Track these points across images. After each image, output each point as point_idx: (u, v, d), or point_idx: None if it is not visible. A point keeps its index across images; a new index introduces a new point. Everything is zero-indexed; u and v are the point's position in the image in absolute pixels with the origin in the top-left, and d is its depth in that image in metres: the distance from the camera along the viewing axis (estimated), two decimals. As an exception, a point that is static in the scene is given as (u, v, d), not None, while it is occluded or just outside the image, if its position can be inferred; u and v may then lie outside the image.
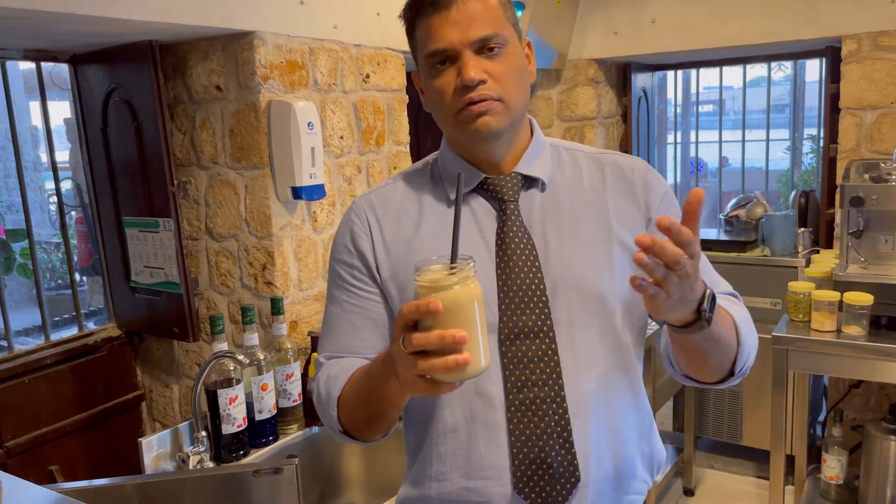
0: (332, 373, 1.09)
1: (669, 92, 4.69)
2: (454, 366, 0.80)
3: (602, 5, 3.18)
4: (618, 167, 1.14)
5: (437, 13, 1.01)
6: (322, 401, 1.09)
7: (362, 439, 1.09)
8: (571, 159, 1.15)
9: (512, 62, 1.04)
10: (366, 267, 1.11)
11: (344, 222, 1.16)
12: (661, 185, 1.15)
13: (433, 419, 1.08)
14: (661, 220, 0.81)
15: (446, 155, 1.14)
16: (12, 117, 2.09)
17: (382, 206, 1.13)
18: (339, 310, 1.13)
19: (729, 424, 3.21)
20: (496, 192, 1.09)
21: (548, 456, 1.02)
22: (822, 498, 2.74)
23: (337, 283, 1.14)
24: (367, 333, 1.11)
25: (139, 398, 2.33)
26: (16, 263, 4.10)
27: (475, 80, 1.00)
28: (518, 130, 1.10)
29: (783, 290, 2.66)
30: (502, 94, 1.02)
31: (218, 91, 2.00)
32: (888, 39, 2.68)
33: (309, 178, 1.97)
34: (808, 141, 5.43)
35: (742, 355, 1.03)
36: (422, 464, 1.10)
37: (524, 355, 1.03)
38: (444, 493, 1.07)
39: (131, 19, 1.63)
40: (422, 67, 1.07)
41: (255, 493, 1.54)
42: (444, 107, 1.05)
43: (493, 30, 1.01)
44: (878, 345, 2.31)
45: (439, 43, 1.01)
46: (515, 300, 1.04)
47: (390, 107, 2.38)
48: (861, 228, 2.50)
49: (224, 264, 2.10)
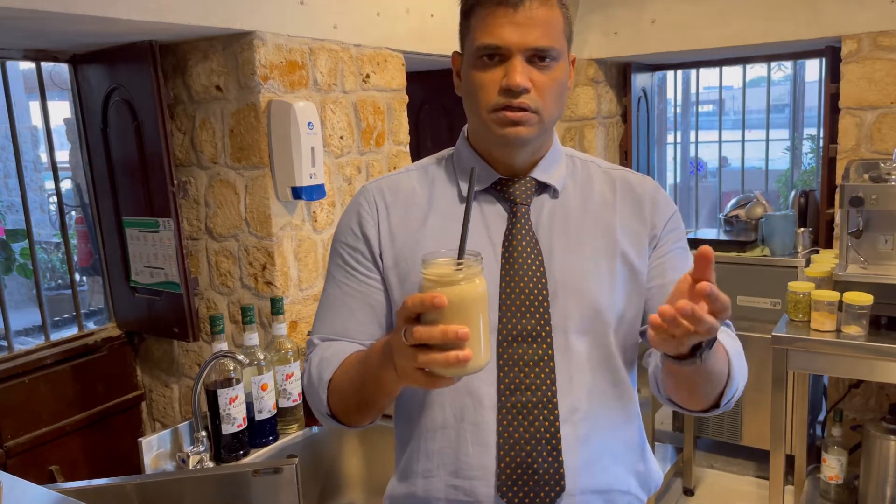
0: (326, 355, 1.09)
1: (669, 92, 4.69)
2: (455, 362, 0.80)
3: (602, 5, 3.18)
4: (628, 184, 1.15)
5: (502, 7, 1.00)
6: (312, 382, 1.09)
7: (349, 424, 1.08)
8: (585, 170, 1.16)
9: (558, 76, 1.04)
10: (369, 251, 1.11)
11: (352, 205, 1.15)
12: (670, 205, 1.16)
13: (423, 415, 1.08)
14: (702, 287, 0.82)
15: (463, 150, 1.14)
16: (12, 117, 2.09)
17: (392, 194, 1.13)
18: (338, 291, 1.13)
19: (729, 424, 3.21)
20: (509, 194, 1.09)
21: (534, 461, 1.02)
22: (821, 498, 2.74)
23: (338, 264, 1.14)
24: (363, 318, 1.11)
25: (139, 398, 2.33)
26: (16, 263, 4.10)
27: (521, 86, 1.00)
28: (544, 139, 1.10)
29: (783, 290, 2.66)
30: (540, 108, 1.02)
31: (218, 91, 2.00)
32: (888, 39, 2.68)
33: (309, 178, 1.97)
34: (808, 141, 5.43)
35: (730, 389, 1.03)
36: (409, 459, 1.11)
37: (520, 358, 1.03)
38: (431, 489, 1.07)
39: (131, 19, 1.63)
40: (468, 54, 1.06)
41: (255, 493, 1.54)
42: (481, 100, 1.04)
43: (551, 43, 1.01)
44: (878, 345, 2.31)
45: (496, 39, 1.00)
46: (517, 303, 1.04)
47: (390, 107, 2.38)
48: (861, 228, 2.50)
49: (224, 264, 2.10)
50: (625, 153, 3.55)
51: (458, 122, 1.16)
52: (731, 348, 1.04)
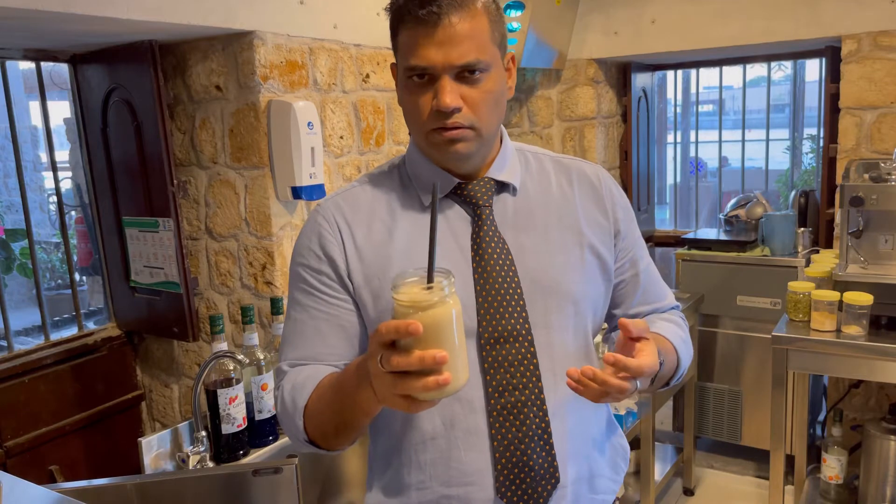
0: (298, 381, 1.05)
1: (669, 92, 4.69)
2: (434, 386, 0.79)
3: (602, 5, 3.18)
4: (584, 174, 1.16)
5: (422, 28, 0.97)
6: (287, 410, 1.05)
7: (328, 448, 1.05)
8: (538, 163, 1.16)
9: (491, 87, 1.01)
10: (335, 273, 1.07)
11: (310, 225, 1.11)
12: (623, 195, 1.20)
13: (410, 427, 1.06)
14: (607, 358, 0.90)
15: (416, 159, 1.11)
16: (12, 117, 2.09)
17: (351, 210, 1.09)
18: (305, 315, 1.09)
19: (729, 424, 3.21)
20: (470, 197, 1.08)
21: (529, 459, 1.03)
22: (821, 498, 2.74)
23: (301, 288, 1.09)
24: (334, 340, 1.08)
25: (139, 398, 2.33)
26: (16, 263, 4.10)
27: (450, 107, 0.98)
28: (489, 146, 1.09)
29: (783, 289, 2.66)
30: (475, 122, 1.01)
31: (218, 91, 2.00)
32: (888, 39, 2.68)
33: (309, 178, 1.97)
34: (808, 141, 5.42)
35: (678, 374, 1.13)
36: (398, 472, 1.09)
37: (504, 359, 1.03)
38: (425, 501, 1.06)
39: (131, 19, 1.63)
40: (400, 72, 1.05)
41: (255, 492, 1.54)
42: (417, 123, 1.03)
43: (477, 56, 0.98)
44: (878, 345, 2.31)
45: (420, 60, 0.98)
46: (494, 304, 1.04)
47: (390, 106, 2.38)
48: (861, 228, 2.50)
49: (224, 264, 2.10)
50: (625, 153, 3.55)
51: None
52: (677, 339, 1.13)
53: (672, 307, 1.24)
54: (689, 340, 1.19)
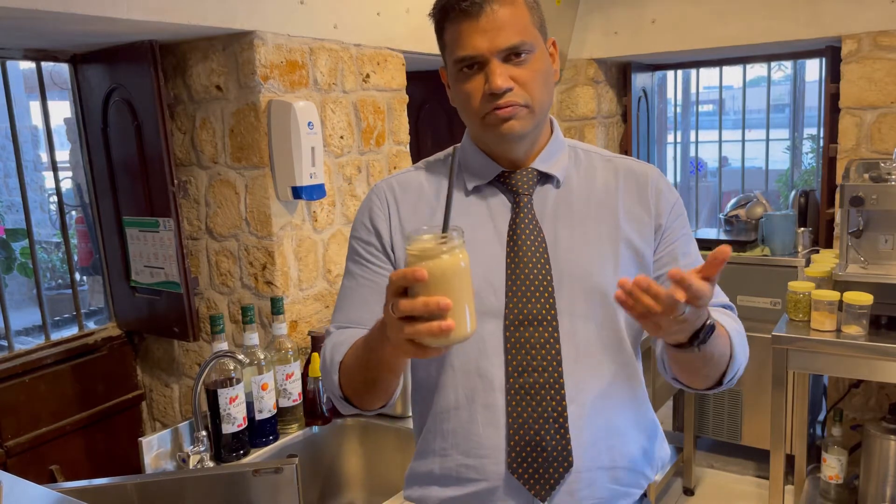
0: (339, 340, 1.13)
1: (669, 92, 4.69)
2: (438, 331, 0.83)
3: (602, 5, 3.18)
4: (631, 171, 1.19)
5: (466, 20, 1.04)
6: (326, 366, 1.13)
7: (361, 406, 1.12)
8: (588, 160, 1.20)
9: (538, 67, 1.07)
10: (381, 244, 1.17)
11: (365, 202, 1.21)
12: (673, 193, 1.20)
13: (437, 397, 1.13)
14: (673, 274, 0.86)
15: (468, 147, 1.18)
16: (12, 117, 2.09)
17: (402, 190, 1.19)
18: (353, 283, 1.18)
19: (729, 424, 3.21)
20: (512, 185, 1.14)
21: (542, 440, 1.06)
22: (821, 497, 2.74)
23: (353, 258, 1.20)
24: (376, 307, 1.13)
25: (139, 398, 2.33)
26: (16, 263, 4.10)
27: (502, 88, 1.04)
28: (541, 130, 1.14)
29: (783, 289, 2.66)
30: (528, 100, 1.07)
31: (218, 91, 2.00)
32: (888, 39, 2.68)
33: (309, 178, 1.97)
34: (808, 141, 5.43)
35: (732, 369, 1.09)
36: (426, 439, 1.16)
37: (527, 341, 1.08)
38: (445, 468, 1.12)
39: (131, 19, 1.63)
40: (450, 69, 1.11)
41: (255, 492, 1.54)
42: (471, 109, 1.09)
43: (521, 38, 1.04)
44: (878, 344, 2.31)
45: (468, 50, 1.05)
46: (522, 288, 1.08)
47: (390, 106, 2.38)
48: (861, 228, 2.51)
49: (224, 264, 2.11)
50: (625, 153, 3.55)
51: (459, 122, 1.18)
52: (733, 330, 1.10)
53: (724, 305, 1.22)
54: (745, 336, 1.15)
